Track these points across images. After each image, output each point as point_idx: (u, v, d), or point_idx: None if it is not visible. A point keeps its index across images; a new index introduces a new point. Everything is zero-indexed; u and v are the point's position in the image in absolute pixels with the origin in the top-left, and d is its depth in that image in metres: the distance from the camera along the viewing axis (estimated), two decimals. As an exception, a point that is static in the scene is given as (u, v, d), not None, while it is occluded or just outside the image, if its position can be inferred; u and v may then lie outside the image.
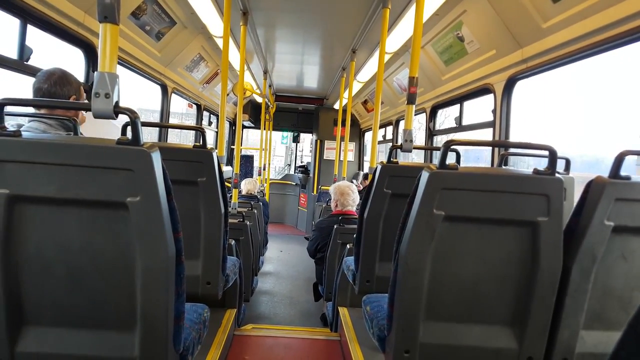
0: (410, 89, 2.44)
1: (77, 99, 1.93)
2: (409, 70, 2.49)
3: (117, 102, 1.22)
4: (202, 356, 2.29)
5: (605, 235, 1.41)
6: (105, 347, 1.26)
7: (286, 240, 8.11)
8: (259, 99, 7.72)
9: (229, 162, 7.91)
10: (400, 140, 2.50)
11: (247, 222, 3.42)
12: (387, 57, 4.25)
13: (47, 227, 1.19)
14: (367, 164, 8.57)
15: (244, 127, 9.21)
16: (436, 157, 4.55)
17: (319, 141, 8.92)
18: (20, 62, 2.26)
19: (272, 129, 8.58)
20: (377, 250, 2.28)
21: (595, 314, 1.50)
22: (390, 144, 6.65)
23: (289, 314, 4.29)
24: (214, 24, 3.90)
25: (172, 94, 4.55)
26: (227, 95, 3.43)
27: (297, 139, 10.56)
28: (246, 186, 5.42)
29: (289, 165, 12.36)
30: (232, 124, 8.57)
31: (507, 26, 2.70)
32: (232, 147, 8.29)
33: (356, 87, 6.26)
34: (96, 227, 1.19)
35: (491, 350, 1.51)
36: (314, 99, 8.61)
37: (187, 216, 1.84)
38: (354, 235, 2.50)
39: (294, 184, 9.90)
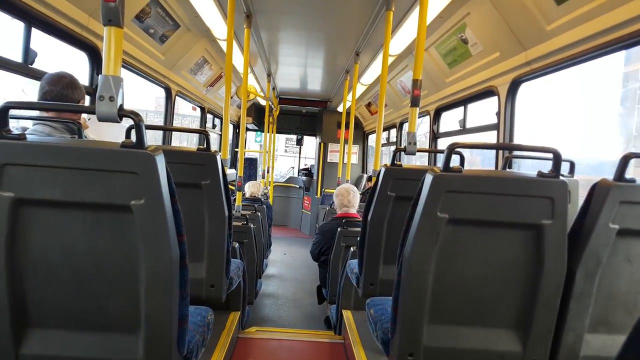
0: (414, 91, 2.43)
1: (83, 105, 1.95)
2: (412, 72, 2.49)
3: (121, 105, 1.22)
4: (206, 359, 2.29)
5: (609, 238, 1.41)
6: (109, 349, 1.26)
7: (290, 243, 8.11)
8: (263, 102, 7.73)
9: (233, 164, 7.93)
10: (404, 142, 2.49)
11: (251, 225, 3.42)
12: (390, 60, 4.25)
13: (52, 230, 1.19)
14: (371, 166, 8.58)
15: (247, 129, 9.22)
16: (440, 159, 4.55)
17: (322, 144, 8.92)
18: (24, 65, 2.28)
19: (275, 132, 8.59)
20: (381, 253, 2.28)
21: (599, 317, 1.49)
22: (393, 147, 6.65)
23: (292, 317, 4.29)
24: (218, 26, 3.92)
25: (176, 97, 4.56)
26: (231, 98, 3.44)
27: (300, 142, 10.57)
28: (250, 189, 5.42)
29: (292, 168, 12.36)
30: (236, 126, 8.59)
31: (510, 28, 2.70)
32: (235, 149, 8.31)
33: (360, 89, 6.26)
34: (100, 230, 1.20)
35: (495, 353, 1.50)
36: (317, 101, 8.61)
37: (191, 219, 1.84)
38: (358, 238, 2.49)
39: (298, 186, 9.90)
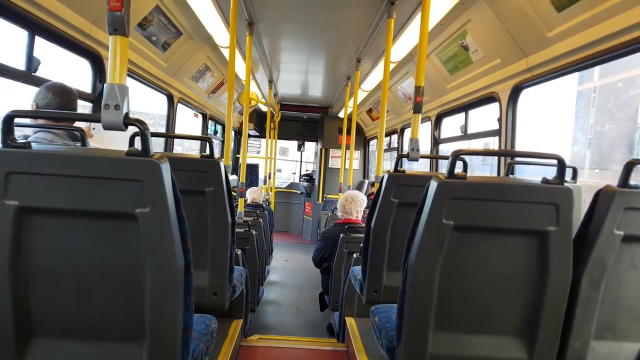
0: (416, 97, 2.44)
1: None
2: (414, 79, 2.49)
3: (126, 114, 1.23)
4: None
5: (615, 244, 1.40)
6: (113, 359, 1.26)
7: (291, 249, 8.09)
8: (264, 108, 7.75)
9: (235, 171, 7.93)
10: (406, 148, 2.50)
11: (253, 232, 3.41)
12: (391, 67, 4.26)
13: (56, 239, 1.19)
14: (372, 172, 8.58)
15: (248, 136, 9.24)
16: (442, 165, 4.55)
17: (323, 150, 8.93)
18: (28, 73, 2.29)
19: (277, 138, 8.60)
20: (384, 259, 2.27)
21: (605, 323, 1.49)
22: (395, 152, 6.65)
23: (295, 324, 4.27)
24: (220, 34, 3.94)
25: (178, 104, 4.58)
26: (233, 104, 3.45)
27: (301, 147, 10.58)
28: (251, 195, 5.42)
29: (294, 174, 12.36)
30: (237, 133, 8.61)
31: (511, 35, 2.71)
32: (237, 156, 8.32)
33: (361, 95, 6.28)
34: (105, 238, 1.19)
35: None
36: (318, 107, 8.63)
37: (194, 226, 1.84)
38: (360, 244, 2.48)
39: (299, 192, 9.89)
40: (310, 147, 11.18)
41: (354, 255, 3.09)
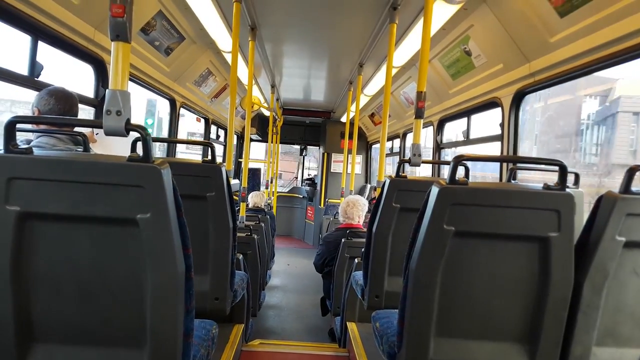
0: (418, 103, 2.44)
1: None
2: (416, 84, 2.49)
3: (128, 119, 1.23)
4: None
5: (616, 250, 1.40)
6: None
7: (293, 253, 8.08)
8: (267, 113, 7.77)
9: (237, 175, 7.94)
10: (408, 153, 2.50)
11: (255, 236, 3.41)
12: (394, 71, 4.27)
13: (58, 244, 1.19)
14: (374, 176, 8.57)
15: (251, 140, 9.27)
16: (444, 170, 4.54)
17: (326, 154, 8.93)
18: (30, 78, 2.30)
19: (279, 142, 8.61)
20: (386, 264, 2.26)
21: (607, 330, 1.48)
22: (397, 157, 6.65)
23: (296, 329, 4.25)
24: (223, 39, 3.95)
25: (181, 109, 4.59)
26: (235, 109, 3.46)
27: (303, 152, 10.59)
28: (253, 199, 5.41)
29: (296, 178, 12.37)
30: (240, 137, 8.62)
31: (514, 40, 2.71)
32: (239, 160, 8.33)
33: (363, 100, 6.28)
34: (106, 244, 1.19)
35: None
36: (321, 112, 8.64)
37: (195, 231, 1.84)
38: (362, 249, 2.47)
39: (301, 196, 9.89)
40: (313, 151, 11.19)
41: (356, 260, 3.08)
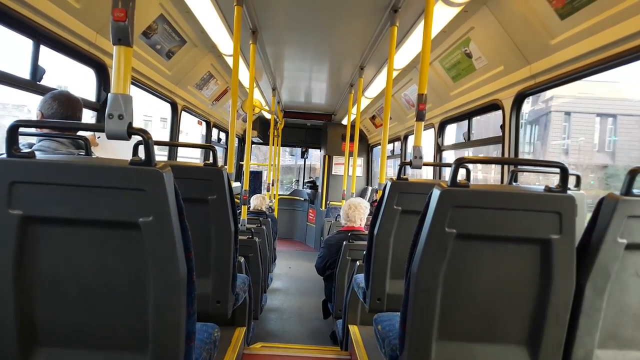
0: (419, 105, 2.44)
1: None
2: (417, 86, 2.50)
3: (130, 123, 1.23)
4: None
5: (618, 252, 1.39)
6: None
7: (295, 256, 8.07)
8: (268, 115, 7.77)
9: (238, 178, 7.95)
10: (409, 156, 2.50)
11: (256, 239, 3.41)
12: (395, 74, 4.27)
13: (60, 248, 1.19)
14: (376, 179, 8.57)
15: (252, 143, 9.28)
16: (445, 172, 4.54)
17: (327, 157, 8.93)
18: (33, 82, 2.31)
19: (280, 145, 8.62)
20: (387, 267, 2.26)
21: (609, 332, 1.47)
22: (398, 159, 6.65)
23: (298, 332, 4.25)
24: (224, 42, 3.96)
25: (182, 112, 4.60)
26: (236, 112, 3.46)
27: (305, 154, 10.60)
28: (254, 202, 5.41)
29: (297, 181, 12.38)
30: (241, 140, 8.64)
31: (515, 42, 2.71)
32: (240, 163, 8.34)
33: (364, 102, 6.29)
34: (109, 247, 1.20)
35: None
36: (322, 114, 8.65)
37: (197, 234, 1.84)
38: (364, 251, 2.47)
39: (303, 199, 9.89)
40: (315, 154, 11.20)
41: (357, 262, 3.08)
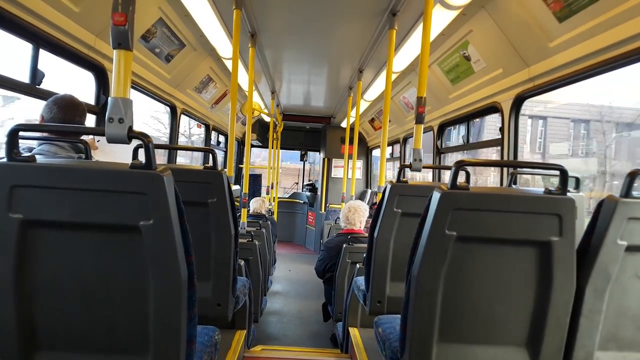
0: (418, 108, 2.44)
1: None
2: (416, 89, 2.50)
3: (130, 127, 1.24)
4: None
5: (618, 254, 1.40)
6: None
7: (294, 259, 8.07)
8: (267, 119, 7.78)
9: (237, 181, 7.94)
10: (408, 158, 2.50)
11: (256, 242, 3.41)
12: (393, 77, 4.28)
13: (61, 252, 1.20)
14: (375, 181, 8.57)
15: (251, 146, 9.29)
16: (444, 174, 4.54)
17: (326, 159, 8.94)
18: (32, 86, 2.30)
19: (279, 148, 8.63)
20: (388, 270, 2.26)
21: (610, 334, 1.48)
22: (397, 162, 6.65)
23: (298, 335, 4.24)
24: (223, 46, 3.97)
25: (181, 115, 4.60)
26: (236, 115, 3.47)
27: (304, 157, 10.61)
28: (253, 205, 5.41)
29: (296, 183, 12.38)
30: (240, 143, 8.64)
31: (513, 45, 2.72)
32: (240, 166, 8.34)
33: (363, 105, 6.30)
34: (109, 251, 1.20)
35: None
36: (321, 117, 8.65)
37: (197, 238, 1.84)
38: (364, 254, 2.47)
39: (302, 202, 9.88)
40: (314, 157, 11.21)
41: (357, 265, 3.08)
